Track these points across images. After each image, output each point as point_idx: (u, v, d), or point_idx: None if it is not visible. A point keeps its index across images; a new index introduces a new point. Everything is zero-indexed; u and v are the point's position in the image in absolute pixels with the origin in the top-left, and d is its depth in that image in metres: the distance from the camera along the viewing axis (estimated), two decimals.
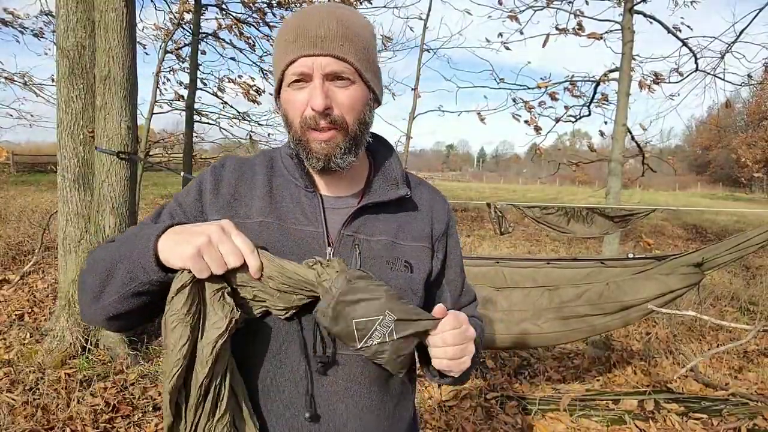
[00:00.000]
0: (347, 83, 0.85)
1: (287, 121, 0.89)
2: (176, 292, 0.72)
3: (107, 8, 3.46)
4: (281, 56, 0.86)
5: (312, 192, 0.92)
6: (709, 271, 2.89)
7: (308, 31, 0.83)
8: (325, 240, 0.89)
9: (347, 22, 0.86)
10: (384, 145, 1.02)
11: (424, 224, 0.98)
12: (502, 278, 2.90)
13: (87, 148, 3.73)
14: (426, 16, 6.00)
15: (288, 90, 0.87)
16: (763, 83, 6.48)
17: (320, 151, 0.86)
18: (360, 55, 0.86)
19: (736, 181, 40.35)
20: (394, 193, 0.94)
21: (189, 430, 0.75)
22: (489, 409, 3.21)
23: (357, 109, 0.87)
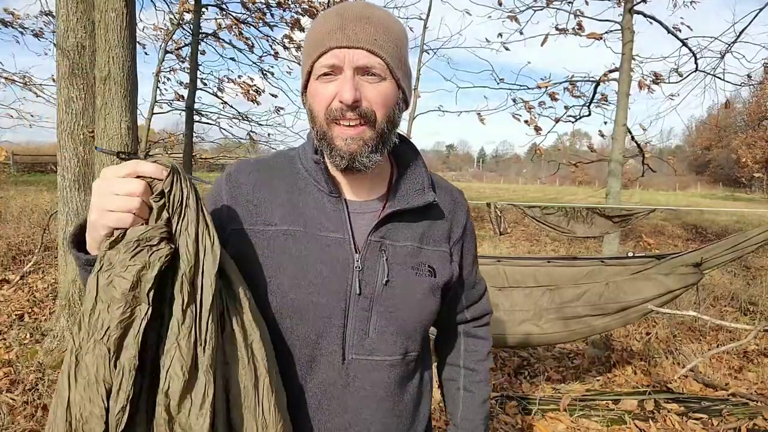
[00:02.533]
0: (378, 79, 0.82)
1: (312, 115, 0.86)
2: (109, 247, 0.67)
3: (107, 8, 3.46)
4: (312, 48, 0.84)
5: (337, 197, 0.89)
6: (709, 270, 2.89)
7: (341, 24, 0.81)
8: (352, 246, 0.87)
9: (382, 20, 0.84)
10: (410, 148, 0.99)
11: (445, 229, 0.97)
12: (503, 277, 2.90)
13: (87, 148, 3.73)
14: (426, 16, 6.00)
15: (316, 83, 0.84)
16: (763, 83, 6.48)
17: (344, 149, 0.83)
18: (393, 52, 0.84)
19: (736, 181, 40.38)
20: (422, 200, 0.92)
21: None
22: (489, 409, 3.21)
23: (387, 105, 0.84)
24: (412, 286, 0.90)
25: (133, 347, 0.64)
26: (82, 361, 0.63)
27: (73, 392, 0.63)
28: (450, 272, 0.96)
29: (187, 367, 0.65)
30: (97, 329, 0.64)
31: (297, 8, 6.53)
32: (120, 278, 0.64)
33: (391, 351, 0.89)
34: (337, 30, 0.81)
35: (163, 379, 0.65)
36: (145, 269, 0.65)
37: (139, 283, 0.65)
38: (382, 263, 0.87)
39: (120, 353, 0.64)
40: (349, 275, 0.86)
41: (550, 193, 25.93)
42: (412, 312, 0.90)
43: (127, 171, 0.68)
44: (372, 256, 0.87)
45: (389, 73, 0.84)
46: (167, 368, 0.65)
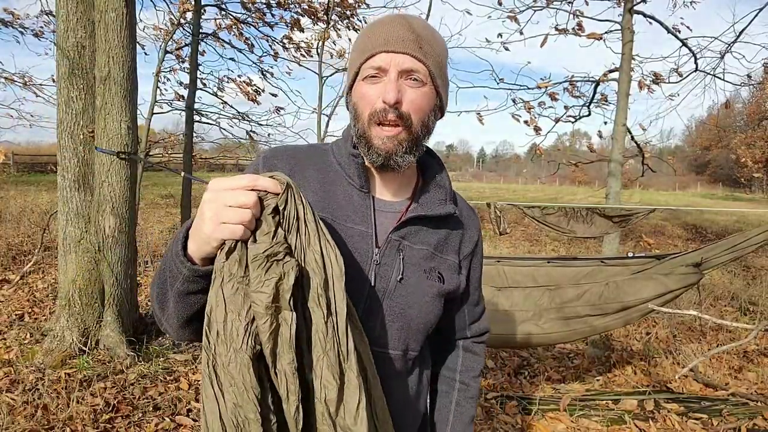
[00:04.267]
0: (419, 84, 0.88)
1: (356, 114, 0.90)
2: (225, 258, 0.69)
3: (107, 8, 3.46)
4: (360, 51, 0.89)
5: (366, 192, 0.94)
6: (709, 270, 2.89)
7: (390, 31, 0.88)
8: (374, 241, 0.92)
9: (427, 31, 0.90)
10: (435, 159, 1.04)
11: (458, 241, 1.03)
12: (503, 277, 2.90)
13: (87, 148, 3.73)
14: (426, 16, 5.99)
15: (362, 83, 0.89)
16: (763, 83, 6.48)
17: (382, 147, 0.88)
18: (435, 60, 0.90)
19: (736, 181, 40.36)
20: (444, 209, 0.97)
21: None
22: (489, 409, 3.21)
23: (424, 110, 0.90)
24: (422, 288, 0.95)
25: (289, 353, 0.67)
26: (223, 372, 0.67)
27: (222, 402, 0.66)
28: (456, 283, 1.01)
29: (338, 375, 0.69)
30: (234, 339, 0.67)
31: (297, 8, 6.53)
32: (259, 293, 0.67)
33: (394, 346, 0.93)
34: (387, 36, 0.87)
35: (318, 389, 0.69)
36: (281, 280, 0.68)
37: (279, 294, 0.68)
38: (398, 261, 0.92)
39: (276, 361, 0.68)
40: (368, 267, 0.90)
41: (550, 193, 25.93)
42: (420, 312, 0.94)
43: (243, 184, 0.70)
44: (390, 253, 0.92)
45: (430, 80, 0.90)
46: (320, 378, 0.69)
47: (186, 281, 0.75)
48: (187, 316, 0.80)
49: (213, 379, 0.67)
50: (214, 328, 0.68)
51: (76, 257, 3.66)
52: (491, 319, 2.96)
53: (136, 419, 2.86)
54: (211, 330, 0.68)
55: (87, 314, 3.62)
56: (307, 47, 6.95)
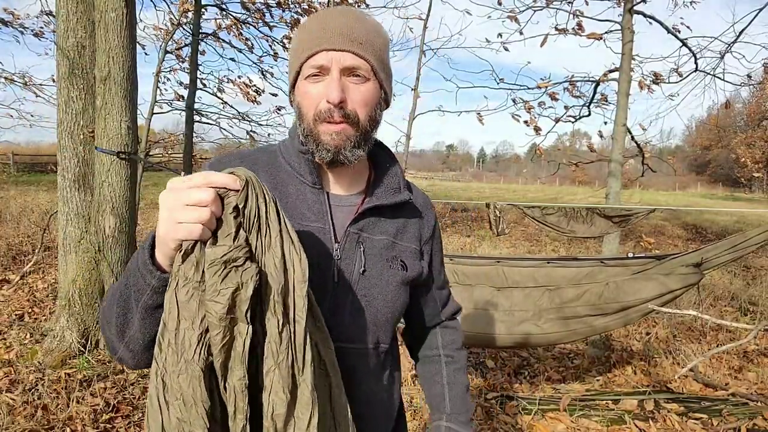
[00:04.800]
0: (362, 80, 0.88)
1: (300, 114, 0.90)
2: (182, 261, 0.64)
3: (107, 8, 3.46)
4: (300, 50, 0.89)
5: (319, 189, 0.94)
6: (709, 270, 2.89)
7: (329, 28, 0.87)
8: (333, 236, 0.92)
9: (366, 24, 0.90)
10: (386, 152, 1.06)
11: (417, 227, 1.04)
12: (502, 278, 2.90)
13: (87, 148, 3.73)
14: (426, 16, 5.99)
15: (304, 83, 0.89)
16: (763, 83, 6.48)
17: (330, 143, 0.88)
18: (377, 54, 0.90)
19: (736, 181, 40.36)
20: (399, 197, 0.99)
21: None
22: (489, 409, 3.21)
23: (370, 105, 0.90)
24: (386, 278, 0.95)
25: (240, 368, 0.63)
26: (171, 382, 0.62)
27: (166, 415, 0.62)
28: (419, 269, 1.03)
29: (289, 389, 0.65)
30: (185, 349, 0.63)
31: (297, 8, 6.53)
32: (214, 303, 0.62)
33: (364, 339, 0.94)
34: (327, 33, 0.86)
35: (266, 403, 0.65)
36: (238, 290, 0.63)
37: (235, 304, 0.63)
38: (359, 254, 0.93)
39: (227, 376, 0.64)
40: (329, 263, 0.90)
41: (550, 193, 25.93)
42: (386, 303, 0.95)
43: (197, 182, 0.66)
44: (350, 246, 0.93)
45: (373, 75, 0.90)
46: (269, 391, 0.65)
47: (155, 293, 0.71)
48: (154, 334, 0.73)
49: (160, 389, 0.63)
50: (166, 337, 0.64)
51: (76, 257, 3.66)
52: (491, 319, 2.96)
53: (136, 419, 2.86)
54: (164, 338, 0.64)
55: (87, 314, 3.62)
56: None
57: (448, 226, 11.31)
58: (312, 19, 0.92)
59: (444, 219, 12.31)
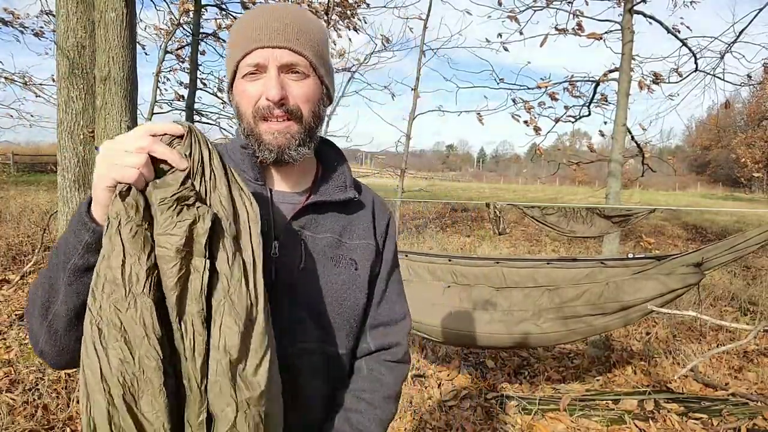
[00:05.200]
0: (302, 76, 0.87)
1: (239, 112, 0.89)
2: (121, 200, 0.65)
3: (107, 8, 3.46)
4: (237, 48, 0.87)
5: (261, 185, 0.92)
6: (709, 270, 2.89)
7: (264, 24, 0.85)
8: (271, 233, 0.89)
9: (302, 19, 0.88)
10: (334, 150, 1.04)
11: (369, 223, 1.01)
12: (501, 278, 2.90)
13: (87, 148, 3.73)
14: (426, 16, 6.00)
15: (242, 81, 0.87)
16: (763, 83, 6.48)
17: (273, 142, 0.86)
18: (315, 50, 0.88)
19: (736, 181, 40.36)
20: (343, 195, 0.96)
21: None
22: (489, 409, 3.21)
23: (312, 101, 0.88)
24: (329, 277, 0.92)
25: (198, 303, 0.63)
26: (110, 327, 0.61)
27: (105, 361, 0.61)
28: (373, 265, 0.99)
29: (242, 321, 0.64)
30: (134, 283, 0.62)
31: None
32: (169, 236, 0.63)
33: (306, 338, 0.90)
34: (261, 30, 0.85)
35: (216, 337, 0.63)
36: (195, 223, 0.65)
37: (192, 237, 0.64)
38: (299, 251, 0.90)
39: (183, 310, 0.64)
40: (267, 261, 0.86)
41: (550, 193, 25.93)
42: (331, 301, 0.92)
43: (137, 131, 0.69)
44: (290, 243, 0.90)
45: (312, 71, 0.88)
46: (219, 324, 0.64)
47: (87, 251, 0.70)
48: (78, 306, 0.71)
49: (96, 337, 0.61)
50: (104, 280, 0.63)
51: None
52: (490, 318, 2.96)
53: None
54: (100, 284, 0.63)
55: None
56: None
57: (448, 226, 11.31)
58: (246, 16, 0.90)
59: (444, 219, 12.31)
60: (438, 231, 10.32)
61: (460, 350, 4.15)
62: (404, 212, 12.22)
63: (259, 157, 0.89)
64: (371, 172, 9.48)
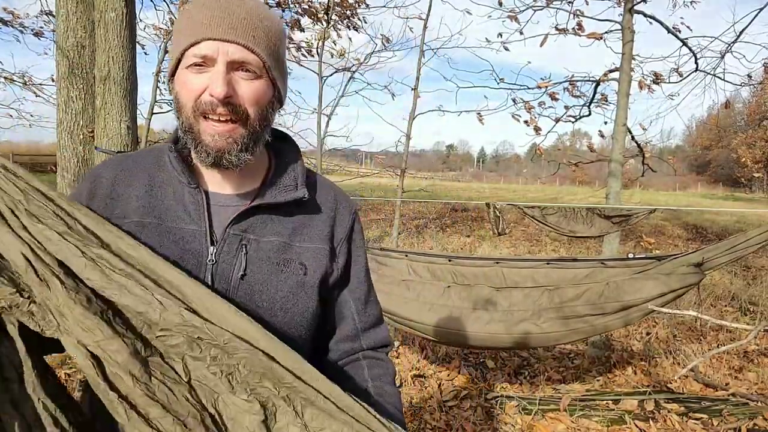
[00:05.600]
0: (252, 76, 0.81)
1: (178, 105, 0.82)
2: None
3: (107, 8, 3.46)
4: (184, 35, 0.80)
5: (195, 188, 0.86)
6: (709, 270, 2.89)
7: (218, 14, 0.78)
8: (208, 238, 0.84)
9: (260, 14, 0.81)
10: (289, 145, 0.98)
11: (325, 226, 0.94)
12: (501, 278, 2.90)
13: (87, 147, 3.73)
14: (426, 16, 6.00)
15: (185, 71, 0.80)
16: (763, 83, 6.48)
17: (212, 145, 0.80)
18: (270, 49, 0.82)
19: (737, 181, 40.38)
20: (291, 195, 0.89)
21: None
22: (489, 409, 3.20)
23: (261, 103, 0.83)
24: (274, 283, 0.86)
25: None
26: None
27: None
28: (326, 270, 0.92)
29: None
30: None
31: (297, 8, 6.53)
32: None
33: None
34: (214, 20, 0.78)
35: None
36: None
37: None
38: (240, 257, 0.84)
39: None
40: (203, 268, 0.82)
41: (550, 194, 25.92)
42: (273, 311, 0.85)
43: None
44: (230, 249, 0.84)
45: (265, 72, 0.82)
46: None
47: None
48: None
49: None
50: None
51: None
52: (490, 318, 2.95)
53: None
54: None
55: None
56: (307, 47, 6.95)
57: (448, 226, 11.31)
58: (199, 1, 0.82)
59: (444, 219, 12.31)
60: (438, 231, 10.32)
61: (460, 350, 4.15)
62: (404, 212, 12.21)
63: (193, 158, 0.84)
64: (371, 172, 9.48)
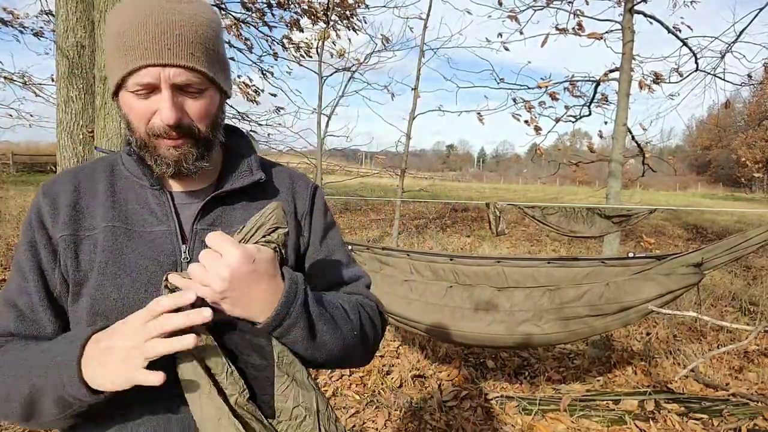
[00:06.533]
0: (197, 92, 0.81)
1: (129, 126, 0.83)
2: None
3: (107, 8, 3.45)
4: (120, 60, 0.77)
5: (159, 189, 0.87)
6: (709, 271, 2.88)
7: (152, 36, 0.75)
8: (178, 237, 0.85)
9: (193, 23, 0.78)
10: (238, 136, 0.99)
11: (286, 204, 0.95)
12: (503, 278, 2.90)
13: (86, 147, 3.73)
14: (426, 16, 5.99)
15: (130, 95, 0.80)
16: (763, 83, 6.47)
17: (170, 156, 0.82)
18: (211, 58, 0.81)
19: (737, 181, 40.38)
20: (248, 179, 0.91)
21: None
22: (489, 409, 3.20)
23: (209, 115, 0.84)
24: None
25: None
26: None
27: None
28: (296, 245, 0.95)
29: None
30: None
31: (297, 8, 6.53)
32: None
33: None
34: (149, 42, 0.75)
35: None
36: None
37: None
38: None
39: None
40: (178, 267, 0.83)
41: (550, 194, 25.91)
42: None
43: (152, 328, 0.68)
44: (201, 244, 0.83)
45: (208, 83, 0.82)
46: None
47: (87, 406, 0.72)
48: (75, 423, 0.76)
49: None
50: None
51: None
52: (492, 320, 2.95)
53: None
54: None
55: None
56: (307, 47, 6.95)
57: (448, 226, 11.30)
58: (126, 14, 0.77)
59: (444, 219, 12.30)
60: (438, 231, 10.32)
61: (460, 350, 4.15)
62: (404, 212, 12.21)
63: (155, 171, 0.85)
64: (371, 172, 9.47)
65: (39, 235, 0.84)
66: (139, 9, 0.77)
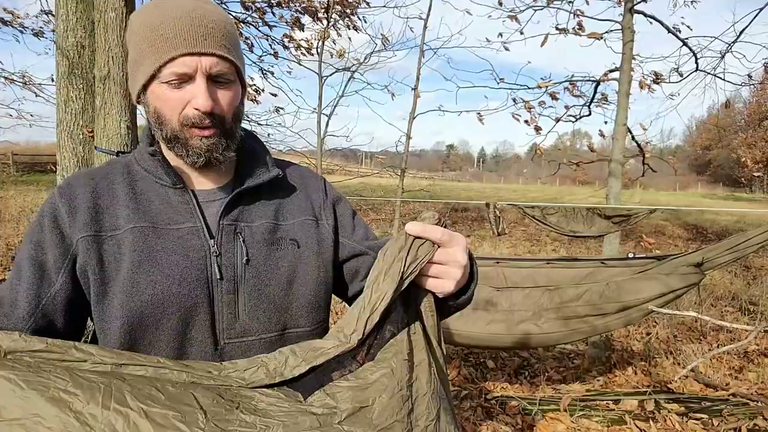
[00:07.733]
0: (227, 83, 0.86)
1: (161, 119, 0.85)
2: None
3: (107, 8, 3.45)
4: (155, 52, 0.82)
5: (182, 188, 0.89)
6: (710, 270, 2.88)
7: (187, 25, 0.80)
8: (206, 233, 0.88)
9: (221, 17, 0.85)
10: (249, 135, 1.02)
11: (301, 199, 1.00)
12: (502, 278, 2.90)
13: (86, 147, 3.72)
14: (426, 16, 5.99)
15: (162, 86, 0.83)
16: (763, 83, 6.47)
17: (201, 146, 0.85)
18: (238, 52, 0.87)
19: (737, 181, 40.39)
20: (267, 176, 0.95)
21: None
22: (489, 409, 3.20)
23: (235, 105, 0.88)
24: (273, 262, 0.91)
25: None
26: None
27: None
28: (318, 238, 0.98)
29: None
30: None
31: (297, 7, 6.52)
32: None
33: (266, 329, 0.89)
34: (185, 33, 0.80)
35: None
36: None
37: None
38: (239, 245, 0.89)
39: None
40: (207, 261, 0.86)
41: (550, 193, 25.90)
42: (280, 286, 0.90)
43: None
44: (228, 239, 0.88)
45: (236, 75, 0.87)
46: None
47: None
48: None
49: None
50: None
51: None
52: (491, 319, 2.95)
53: None
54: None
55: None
56: (307, 46, 6.95)
57: (448, 227, 11.30)
58: (159, 10, 0.83)
59: (444, 219, 12.29)
60: None
61: (460, 350, 4.15)
62: (404, 212, 12.21)
63: (187, 162, 0.88)
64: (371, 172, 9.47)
65: (51, 235, 0.84)
66: (170, 6, 0.83)
